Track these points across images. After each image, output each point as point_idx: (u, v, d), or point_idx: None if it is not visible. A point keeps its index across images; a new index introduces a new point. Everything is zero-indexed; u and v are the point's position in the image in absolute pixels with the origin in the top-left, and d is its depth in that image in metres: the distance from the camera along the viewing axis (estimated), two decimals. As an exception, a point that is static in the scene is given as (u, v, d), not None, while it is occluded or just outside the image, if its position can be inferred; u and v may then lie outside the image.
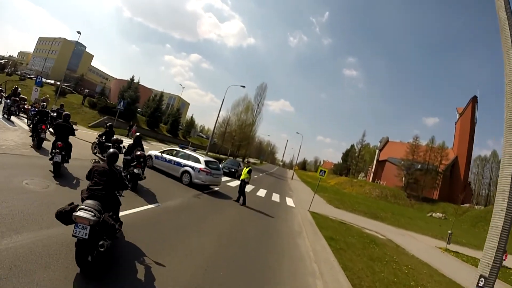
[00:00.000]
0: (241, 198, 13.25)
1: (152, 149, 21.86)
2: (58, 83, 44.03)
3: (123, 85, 41.06)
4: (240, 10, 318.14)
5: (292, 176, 49.69)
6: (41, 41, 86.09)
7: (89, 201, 4.15)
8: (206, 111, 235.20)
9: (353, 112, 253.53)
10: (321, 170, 17.91)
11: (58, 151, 8.33)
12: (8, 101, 17.61)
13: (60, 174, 8.33)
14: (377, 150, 79.68)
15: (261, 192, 20.24)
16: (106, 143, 13.17)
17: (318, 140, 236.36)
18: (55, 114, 16.66)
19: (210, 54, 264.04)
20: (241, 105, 55.27)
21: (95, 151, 13.84)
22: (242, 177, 13.43)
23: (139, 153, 9.65)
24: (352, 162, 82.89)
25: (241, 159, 54.76)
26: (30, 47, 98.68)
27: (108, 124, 14.41)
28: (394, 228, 19.59)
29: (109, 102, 37.24)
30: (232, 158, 42.22)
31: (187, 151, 14.76)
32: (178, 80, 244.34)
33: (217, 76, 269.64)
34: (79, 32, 32.73)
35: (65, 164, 9.18)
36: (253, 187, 21.46)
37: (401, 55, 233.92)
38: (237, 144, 55.49)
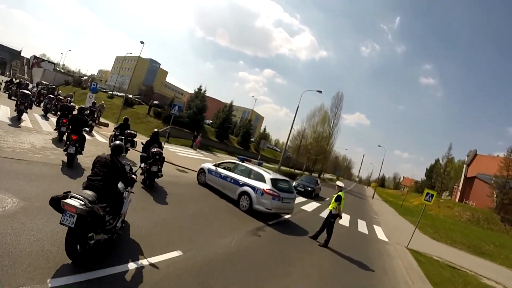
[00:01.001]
0: (323, 233, 9.39)
1: (220, 161, 19.08)
2: (130, 95, 45.57)
3: (190, 96, 40.23)
4: (309, 23, 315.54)
5: (373, 195, 43.52)
6: (118, 59, 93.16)
7: (84, 191, 4.10)
8: (281, 125, 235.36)
9: (431, 123, 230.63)
10: (427, 194, 13.06)
11: (72, 143, 8.65)
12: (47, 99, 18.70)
13: (73, 165, 8.63)
14: (464, 166, 67.70)
15: (344, 218, 15.82)
16: (119, 136, 12.84)
17: (395, 155, 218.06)
18: (88, 111, 17.41)
19: (283, 69, 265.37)
20: (317, 115, 51.14)
21: (111, 144, 12.09)
22: (330, 207, 9.46)
23: (155, 150, 9.38)
24: (437, 179, 71.77)
25: (316, 175, 51.40)
26: (109, 66, 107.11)
27: (124, 117, 14.30)
28: (509, 270, 14.28)
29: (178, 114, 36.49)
30: (307, 173, 38.19)
31: (249, 165, 11.20)
32: (254, 96, 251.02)
33: (291, 90, 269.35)
34: (142, 42, 32.49)
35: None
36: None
37: (480, 59, 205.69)
38: (313, 158, 51.41)
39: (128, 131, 12.81)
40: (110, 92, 46.17)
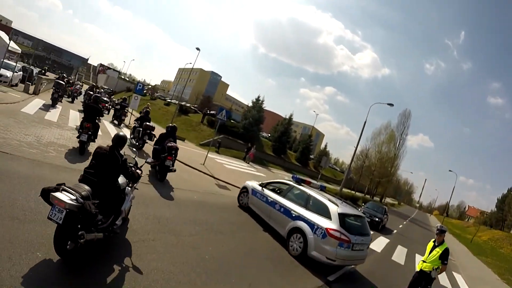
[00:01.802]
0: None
1: (268, 180, 16.35)
2: (187, 104, 45.72)
3: (247, 106, 38.51)
4: (371, 40, 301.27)
5: None
6: (181, 71, 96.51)
7: (79, 184, 3.73)
8: (341, 144, 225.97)
9: (499, 148, 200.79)
10: None
11: (85, 130, 8.57)
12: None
13: (84, 153, 8.43)
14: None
15: (418, 260, 11.87)
16: (137, 128, 12.87)
17: (459, 181, 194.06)
18: (118, 106, 18.46)
19: (345, 87, 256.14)
20: (383, 134, 45.93)
21: (131, 136, 13.47)
22: (424, 265, 6.13)
23: (171, 144, 9.24)
24: (509, 212, 59.71)
25: (378, 199, 46.09)
26: (172, 77, 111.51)
27: (145, 110, 14.16)
28: None
29: (232, 121, 34.81)
30: (369, 198, 33.47)
31: (308, 190, 7.93)
32: (314, 113, 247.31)
33: (353, 109, 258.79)
34: (198, 49, 31.81)
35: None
36: (405, 250, 13.21)
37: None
38: (375, 181, 46.16)
39: (147, 123, 12.60)
40: (168, 100, 46.68)
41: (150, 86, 70.25)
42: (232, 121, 35.90)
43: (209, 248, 5.48)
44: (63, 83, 17.79)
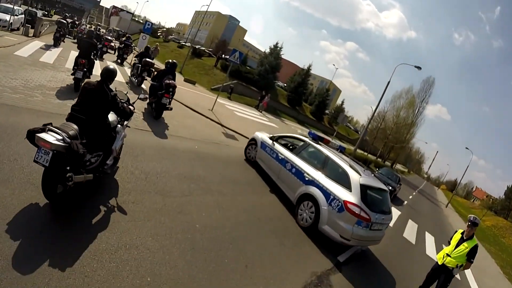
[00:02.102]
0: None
1: (286, 132, 15.19)
2: (202, 47, 43.53)
3: (264, 53, 35.98)
4: None
5: (447, 204, 35.74)
6: (197, 14, 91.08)
7: (67, 123, 3.45)
8: (357, 103, 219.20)
9: None
10: None
11: (80, 67, 8.33)
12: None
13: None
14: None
15: (428, 240, 11.20)
16: (137, 64, 12.51)
17: (471, 160, 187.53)
18: (122, 45, 17.85)
19: (367, 44, 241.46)
20: (403, 98, 43.51)
21: (131, 73, 13.16)
22: (447, 260, 5.19)
23: (169, 81, 8.85)
24: None
25: (389, 164, 44.97)
26: (187, 20, 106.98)
27: (145, 46, 13.92)
28: None
29: (247, 67, 32.80)
30: (387, 166, 32.37)
31: (325, 150, 6.77)
32: (332, 67, 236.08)
33: (373, 68, 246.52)
34: None
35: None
36: (416, 226, 12.40)
37: None
38: (389, 145, 44.66)
39: (147, 59, 12.11)
40: (182, 43, 44.33)
41: (164, 29, 67.35)
42: (247, 67, 33.89)
43: (202, 214, 4.55)
44: (65, 22, 16.99)
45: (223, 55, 33.23)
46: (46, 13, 27.03)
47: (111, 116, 4.06)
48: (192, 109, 12.19)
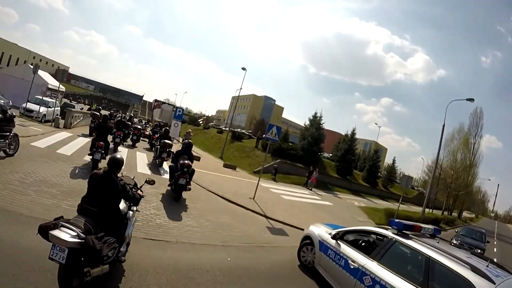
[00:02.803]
0: None
1: (344, 209, 12.63)
2: (242, 130, 44.15)
3: (305, 125, 35.14)
4: (420, 42, 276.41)
5: None
6: (234, 99, 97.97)
7: (78, 217, 3.44)
8: (404, 157, 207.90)
9: None
10: None
11: (98, 149, 9.02)
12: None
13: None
14: None
15: None
16: (156, 145, 13.29)
17: None
18: (130, 122, 18.78)
19: (401, 96, 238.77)
20: (456, 139, 39.30)
21: (154, 155, 13.65)
22: None
23: (184, 161, 8.88)
24: None
25: (455, 214, 38.98)
26: (226, 106, 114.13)
27: (164, 128, 15.11)
28: None
29: (289, 144, 31.66)
30: (467, 224, 27.76)
31: (421, 246, 4.25)
32: (372, 128, 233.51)
33: (412, 118, 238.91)
34: (244, 69, 30.21)
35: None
36: None
37: None
38: (453, 195, 39.12)
39: (165, 141, 12.93)
40: (222, 128, 45.68)
41: (205, 116, 71.90)
42: (290, 143, 32.73)
43: None
44: (99, 114, 17.48)
45: (263, 135, 32.76)
46: (89, 107, 29.30)
47: (121, 203, 3.96)
48: (229, 200, 10.41)
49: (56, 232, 2.96)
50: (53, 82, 19.78)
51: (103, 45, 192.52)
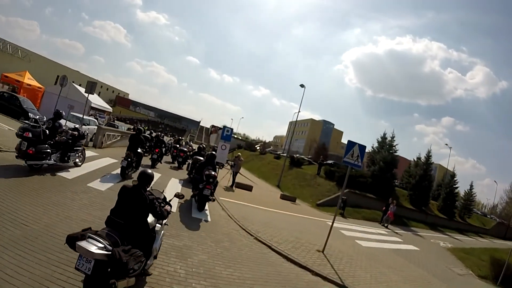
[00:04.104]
0: None
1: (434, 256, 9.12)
2: (301, 156, 40.69)
3: (373, 148, 30.27)
4: (479, 53, 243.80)
5: None
6: (291, 124, 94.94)
7: (105, 229, 3.47)
8: (468, 180, 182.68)
9: None
10: None
11: (126, 157, 9.58)
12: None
13: (125, 178, 9.35)
14: None
15: None
16: (189, 161, 14.19)
17: None
18: (177, 145, 19.04)
19: (463, 113, 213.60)
20: None
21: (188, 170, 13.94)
22: None
23: (210, 172, 9.08)
24: None
25: None
26: (284, 132, 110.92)
27: (198, 146, 14.68)
28: None
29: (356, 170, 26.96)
30: None
31: None
32: (434, 149, 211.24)
33: (476, 136, 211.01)
34: (302, 85, 26.96)
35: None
36: None
37: None
38: None
39: (196, 157, 12.80)
40: (280, 153, 42.45)
41: (262, 142, 70.45)
42: (354, 169, 27.95)
43: None
44: (142, 128, 15.74)
45: (325, 160, 28.61)
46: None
47: (149, 217, 3.94)
48: (288, 257, 6.78)
49: (83, 243, 3.01)
50: (99, 103, 19.27)
51: (163, 75, 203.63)
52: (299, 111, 29.82)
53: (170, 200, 4.61)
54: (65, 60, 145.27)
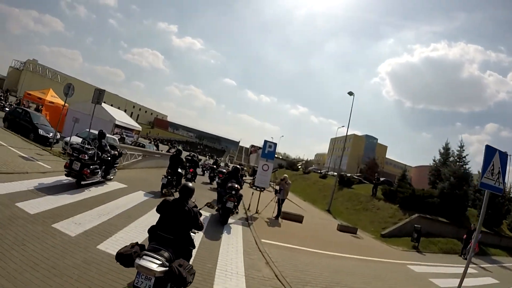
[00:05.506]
0: None
1: None
2: (348, 174, 37.10)
3: (434, 161, 26.01)
4: None
5: None
6: (333, 141, 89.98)
7: (155, 245, 3.44)
8: None
9: None
10: None
11: (166, 175, 10.39)
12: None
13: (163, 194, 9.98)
14: None
15: None
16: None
17: None
18: (214, 166, 19.75)
19: (508, 118, 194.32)
20: None
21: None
22: None
23: (232, 184, 9.27)
24: None
25: None
26: (325, 150, 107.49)
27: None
28: None
29: (422, 189, 22.84)
30: None
31: None
32: (479, 160, 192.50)
33: None
34: (350, 93, 23.93)
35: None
36: None
37: None
38: None
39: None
40: (324, 172, 39.05)
41: (303, 161, 67.72)
42: (408, 186, 23.76)
43: None
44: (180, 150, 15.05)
45: (381, 179, 24.83)
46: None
47: None
48: None
49: (143, 262, 3.05)
50: (126, 120, 18.29)
51: (201, 98, 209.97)
52: (348, 124, 26.69)
53: (200, 209, 4.44)
54: (107, 86, 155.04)
